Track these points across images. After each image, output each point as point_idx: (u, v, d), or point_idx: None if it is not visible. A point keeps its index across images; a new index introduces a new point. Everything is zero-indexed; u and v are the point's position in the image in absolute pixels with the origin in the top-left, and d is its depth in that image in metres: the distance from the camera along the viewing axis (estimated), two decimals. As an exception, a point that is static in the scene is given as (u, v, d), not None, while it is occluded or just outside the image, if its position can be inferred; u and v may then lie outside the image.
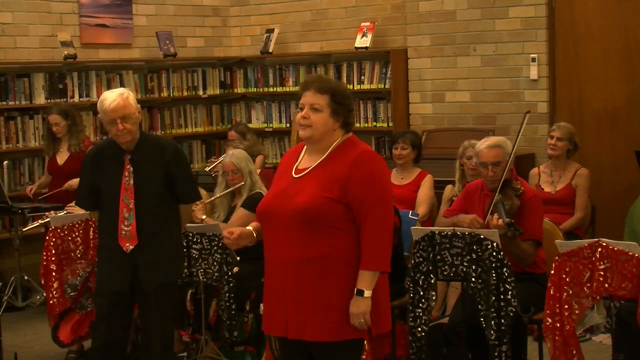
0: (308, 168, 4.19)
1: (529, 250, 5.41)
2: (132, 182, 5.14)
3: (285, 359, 4.34)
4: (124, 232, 5.13)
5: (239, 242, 4.28)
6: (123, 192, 5.13)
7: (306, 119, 4.15)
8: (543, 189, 7.28)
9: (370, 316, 4.09)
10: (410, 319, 5.30)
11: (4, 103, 8.53)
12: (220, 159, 8.15)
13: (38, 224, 7.22)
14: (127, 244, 5.13)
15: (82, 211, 5.99)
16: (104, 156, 5.25)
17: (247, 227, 4.32)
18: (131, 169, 5.16)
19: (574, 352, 4.92)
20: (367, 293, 4.05)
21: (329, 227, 4.07)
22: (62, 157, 7.86)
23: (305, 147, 4.29)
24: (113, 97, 5.10)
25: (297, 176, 4.20)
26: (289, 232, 4.09)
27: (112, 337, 5.22)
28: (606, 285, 4.82)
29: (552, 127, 7.40)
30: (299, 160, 4.26)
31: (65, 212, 6.62)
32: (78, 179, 7.53)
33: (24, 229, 7.71)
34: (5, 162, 8.29)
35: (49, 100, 8.64)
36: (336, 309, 4.08)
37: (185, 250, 6.02)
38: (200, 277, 6.04)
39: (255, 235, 4.30)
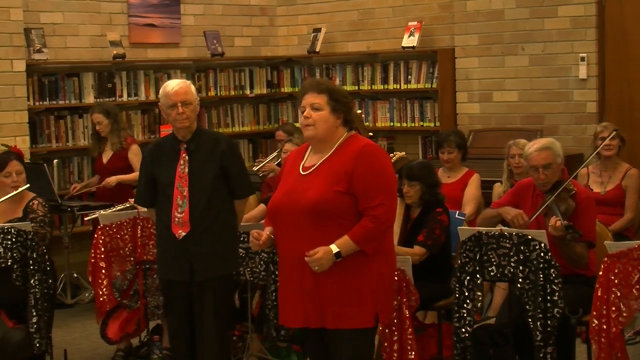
0: (314, 165, 4.40)
1: (583, 252, 5.34)
2: (187, 170, 5.27)
3: (309, 348, 4.65)
4: (177, 219, 5.24)
5: (264, 246, 4.55)
6: (178, 180, 5.26)
7: (308, 118, 4.38)
8: (592, 190, 7.21)
9: (380, 305, 4.35)
10: (455, 320, 5.28)
11: (54, 102, 8.64)
12: (269, 158, 8.20)
13: (94, 215, 7.23)
14: (180, 231, 5.24)
15: (142, 209, 6.06)
16: (162, 149, 5.42)
17: (267, 233, 4.53)
18: (187, 157, 5.29)
19: (619, 355, 4.86)
20: (339, 256, 4.27)
21: (339, 219, 4.28)
22: (106, 156, 7.94)
23: (309, 147, 4.51)
24: (176, 81, 5.35)
25: (304, 173, 4.41)
26: (299, 228, 4.30)
27: (177, 324, 5.40)
28: (657, 287, 4.76)
29: (598, 130, 7.31)
30: (304, 159, 4.47)
31: (127, 204, 6.76)
32: (115, 177, 7.71)
33: (85, 218, 7.68)
34: (55, 161, 8.38)
35: (98, 100, 8.73)
36: (352, 297, 4.30)
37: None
38: (247, 276, 6.06)
39: (274, 238, 4.55)
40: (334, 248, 4.25)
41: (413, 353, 5.25)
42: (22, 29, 8.27)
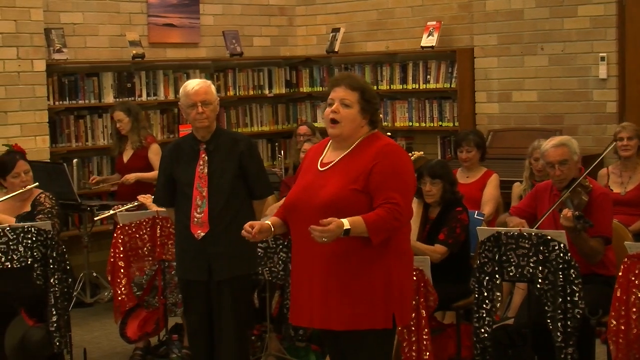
0: (333, 161, 4.31)
1: (597, 247, 5.35)
2: (206, 170, 5.29)
3: (328, 349, 4.60)
4: (196, 219, 5.27)
5: (258, 237, 4.37)
6: (197, 180, 5.28)
7: (336, 113, 4.27)
8: (612, 190, 7.18)
9: (396, 308, 4.23)
10: (475, 320, 5.27)
11: (74, 102, 8.68)
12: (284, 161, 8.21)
13: (109, 213, 7.24)
14: (199, 231, 5.26)
15: (154, 207, 6.08)
16: (182, 149, 5.43)
17: (266, 222, 4.42)
18: (206, 157, 5.31)
19: (637, 356, 4.84)
20: (347, 233, 4.09)
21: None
22: (127, 155, 7.97)
23: (329, 142, 4.42)
24: (197, 81, 5.37)
25: (322, 169, 4.33)
26: (313, 225, 4.15)
27: (196, 324, 5.43)
28: (678, 288, 4.74)
29: (617, 130, 7.28)
30: (323, 154, 4.39)
31: (136, 202, 6.75)
32: (134, 174, 7.73)
33: (96, 218, 7.68)
34: (74, 161, 8.42)
35: (117, 99, 8.76)
36: (363, 298, 4.19)
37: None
38: (266, 276, 6.07)
39: (273, 229, 4.41)
40: (346, 224, 4.07)
41: (428, 353, 5.25)
42: (42, 29, 8.31)
